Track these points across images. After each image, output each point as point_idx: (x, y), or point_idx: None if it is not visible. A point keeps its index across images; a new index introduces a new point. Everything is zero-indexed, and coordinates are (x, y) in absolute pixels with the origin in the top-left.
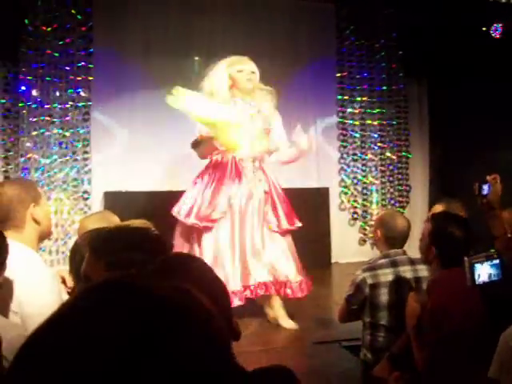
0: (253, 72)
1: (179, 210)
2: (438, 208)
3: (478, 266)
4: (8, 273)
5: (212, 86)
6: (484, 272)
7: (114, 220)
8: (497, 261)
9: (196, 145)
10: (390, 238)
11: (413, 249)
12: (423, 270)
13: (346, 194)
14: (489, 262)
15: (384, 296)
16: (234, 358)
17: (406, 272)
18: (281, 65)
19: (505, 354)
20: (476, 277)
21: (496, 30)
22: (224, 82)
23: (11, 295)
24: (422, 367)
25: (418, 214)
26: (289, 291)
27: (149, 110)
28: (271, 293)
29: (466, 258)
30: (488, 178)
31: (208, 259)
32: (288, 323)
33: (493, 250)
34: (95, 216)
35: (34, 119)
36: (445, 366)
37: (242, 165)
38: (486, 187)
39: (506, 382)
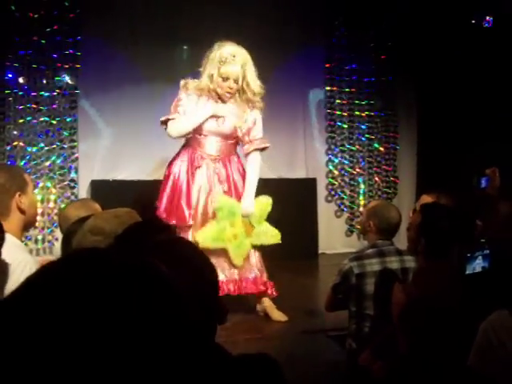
0: (235, 81)
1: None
2: (426, 199)
3: (468, 256)
4: None
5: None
6: (474, 262)
7: (96, 208)
8: (487, 251)
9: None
10: (383, 229)
11: (396, 239)
12: (410, 261)
13: (333, 185)
14: (479, 253)
15: (370, 286)
16: (213, 337)
17: (393, 262)
18: (269, 55)
19: (484, 342)
20: (466, 267)
21: (487, 22)
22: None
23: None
24: (406, 357)
25: (405, 206)
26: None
27: (136, 99)
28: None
29: (456, 249)
30: (487, 171)
31: None
32: (277, 315)
33: (483, 240)
34: (76, 204)
35: (21, 107)
36: (427, 356)
37: (201, 163)
38: (483, 180)
39: (485, 369)
